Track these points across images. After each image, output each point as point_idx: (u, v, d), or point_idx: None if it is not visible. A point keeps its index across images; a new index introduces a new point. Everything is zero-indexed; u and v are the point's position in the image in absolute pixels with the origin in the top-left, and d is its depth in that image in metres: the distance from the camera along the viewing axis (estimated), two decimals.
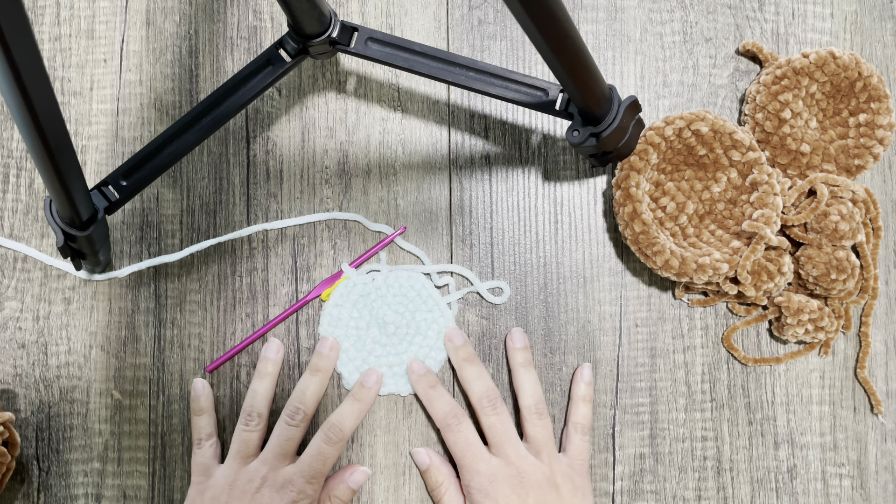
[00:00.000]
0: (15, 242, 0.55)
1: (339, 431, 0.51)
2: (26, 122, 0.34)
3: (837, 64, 0.54)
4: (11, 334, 0.55)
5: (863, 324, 0.56)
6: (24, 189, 0.56)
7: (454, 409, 0.52)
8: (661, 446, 0.55)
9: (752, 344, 0.56)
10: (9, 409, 0.54)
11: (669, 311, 0.56)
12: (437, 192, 0.57)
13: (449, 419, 0.51)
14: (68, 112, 0.57)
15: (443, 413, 0.52)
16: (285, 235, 0.56)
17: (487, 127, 0.57)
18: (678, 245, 0.53)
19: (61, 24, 0.57)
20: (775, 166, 0.55)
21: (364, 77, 0.57)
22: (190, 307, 0.55)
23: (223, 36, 0.57)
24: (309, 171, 0.56)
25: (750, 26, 0.58)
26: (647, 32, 0.58)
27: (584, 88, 0.44)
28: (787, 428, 0.56)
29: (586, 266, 0.56)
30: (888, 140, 0.55)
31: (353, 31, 0.51)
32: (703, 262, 0.51)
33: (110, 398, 0.54)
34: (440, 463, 0.52)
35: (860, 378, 0.56)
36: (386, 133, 0.57)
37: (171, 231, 0.56)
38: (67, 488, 0.54)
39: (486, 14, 0.58)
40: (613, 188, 0.53)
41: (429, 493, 0.53)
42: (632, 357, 0.56)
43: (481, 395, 0.52)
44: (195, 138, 0.49)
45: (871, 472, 0.56)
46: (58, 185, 0.40)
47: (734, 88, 0.58)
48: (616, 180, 0.53)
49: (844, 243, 0.54)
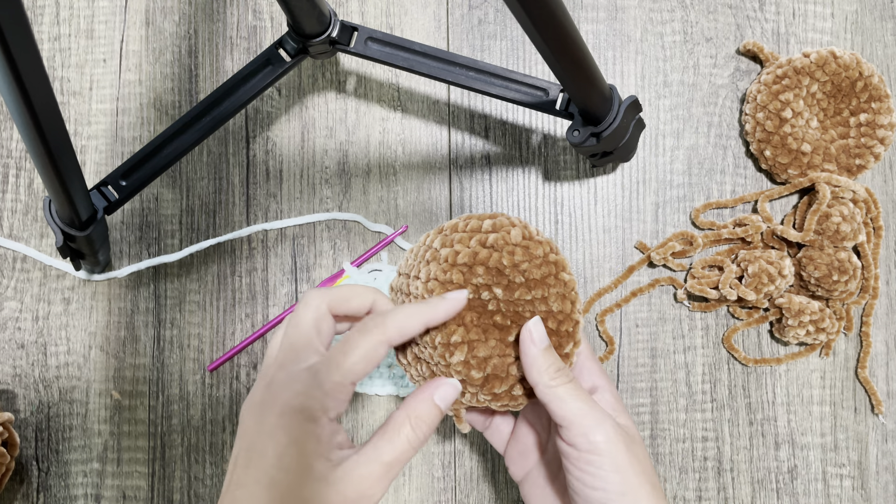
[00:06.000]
0: (14, 242, 0.55)
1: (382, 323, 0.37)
2: (26, 122, 0.34)
3: (838, 63, 0.54)
4: (11, 334, 0.55)
5: (863, 324, 0.56)
6: (23, 189, 0.56)
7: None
8: (661, 447, 0.55)
9: (753, 344, 0.56)
10: (8, 410, 0.54)
11: (670, 312, 0.56)
12: (437, 192, 0.56)
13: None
14: (68, 112, 0.56)
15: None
16: (285, 235, 0.56)
17: (487, 127, 0.57)
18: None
19: (61, 24, 0.57)
20: (776, 166, 0.55)
21: (364, 77, 0.57)
22: (189, 307, 0.55)
23: (223, 36, 0.57)
24: (309, 171, 0.56)
25: (750, 26, 0.58)
26: (648, 32, 0.58)
27: (585, 88, 0.44)
28: (787, 428, 0.56)
29: (586, 266, 0.56)
30: (889, 140, 0.55)
31: (353, 31, 0.50)
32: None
33: (110, 398, 0.54)
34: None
35: (861, 378, 0.56)
36: (386, 133, 0.57)
37: (171, 231, 0.56)
38: (67, 489, 0.53)
39: (486, 14, 0.58)
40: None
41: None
42: (632, 357, 0.56)
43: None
44: (195, 138, 0.49)
45: (872, 473, 0.56)
46: (57, 186, 0.40)
47: (735, 88, 0.58)
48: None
49: (846, 244, 0.54)
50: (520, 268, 0.39)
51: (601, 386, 0.43)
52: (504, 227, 0.40)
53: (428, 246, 0.41)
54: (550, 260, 0.40)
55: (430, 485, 0.54)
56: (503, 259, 0.39)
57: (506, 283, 0.39)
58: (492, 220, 0.41)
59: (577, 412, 0.38)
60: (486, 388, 0.39)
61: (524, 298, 0.39)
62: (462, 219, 0.42)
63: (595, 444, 0.37)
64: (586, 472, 0.38)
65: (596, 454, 0.37)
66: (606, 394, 0.43)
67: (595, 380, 0.43)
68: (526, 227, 0.41)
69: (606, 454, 0.37)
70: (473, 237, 0.40)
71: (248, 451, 0.36)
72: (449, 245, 0.40)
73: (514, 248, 0.39)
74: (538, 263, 0.40)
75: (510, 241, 0.40)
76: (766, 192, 0.56)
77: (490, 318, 0.39)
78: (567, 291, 0.40)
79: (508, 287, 0.39)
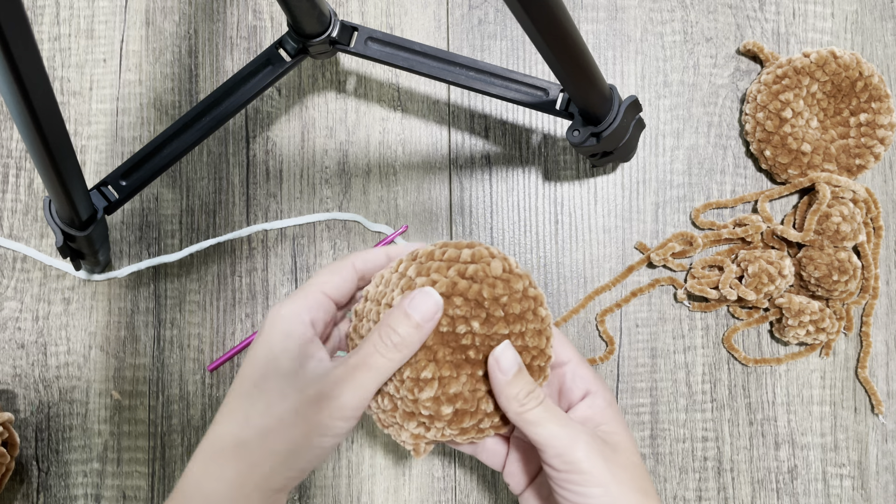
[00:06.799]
0: (14, 242, 0.55)
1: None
2: (26, 122, 0.34)
3: (838, 63, 0.54)
4: (11, 334, 0.55)
5: (864, 324, 0.56)
6: (23, 189, 0.56)
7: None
8: (661, 447, 0.55)
9: (753, 344, 0.56)
10: (8, 410, 0.54)
11: (670, 312, 0.56)
12: (437, 192, 0.56)
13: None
14: (68, 112, 0.56)
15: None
16: (285, 235, 0.56)
17: (487, 127, 0.57)
18: None
19: (61, 24, 0.57)
20: (776, 166, 0.55)
21: (364, 77, 0.57)
22: (189, 307, 0.55)
23: (223, 36, 0.57)
24: (309, 171, 0.56)
25: (750, 26, 0.58)
26: (648, 32, 0.58)
27: (585, 88, 0.44)
28: (787, 428, 0.56)
29: (586, 266, 0.56)
30: (889, 140, 0.55)
31: (353, 31, 0.50)
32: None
33: (110, 398, 0.54)
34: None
35: (861, 378, 0.56)
36: (386, 133, 0.57)
37: (171, 231, 0.56)
38: (67, 489, 0.53)
39: (486, 14, 0.58)
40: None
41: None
42: (632, 357, 0.56)
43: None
44: (195, 138, 0.49)
45: (872, 473, 0.56)
46: (57, 186, 0.40)
47: (735, 88, 0.58)
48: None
49: (846, 244, 0.54)
50: (500, 301, 0.37)
51: (592, 391, 0.42)
52: (484, 259, 0.38)
53: (402, 273, 0.38)
54: (530, 295, 0.39)
55: (430, 485, 0.54)
56: (483, 291, 0.37)
57: (484, 316, 0.37)
58: (470, 249, 0.39)
59: (548, 435, 0.38)
60: (455, 424, 0.38)
61: (500, 333, 0.38)
62: (438, 246, 0.39)
63: (572, 464, 0.37)
64: (568, 489, 0.38)
65: (575, 472, 0.37)
66: (598, 399, 0.42)
67: (587, 386, 0.42)
68: (506, 259, 0.39)
69: (585, 471, 0.37)
70: (451, 266, 0.38)
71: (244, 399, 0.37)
72: (425, 274, 0.37)
73: (495, 280, 0.37)
74: (518, 298, 0.38)
75: (490, 273, 0.38)
76: (766, 192, 0.56)
77: (463, 353, 0.37)
78: (543, 328, 0.39)
79: (487, 321, 0.37)
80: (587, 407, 0.41)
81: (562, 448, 0.37)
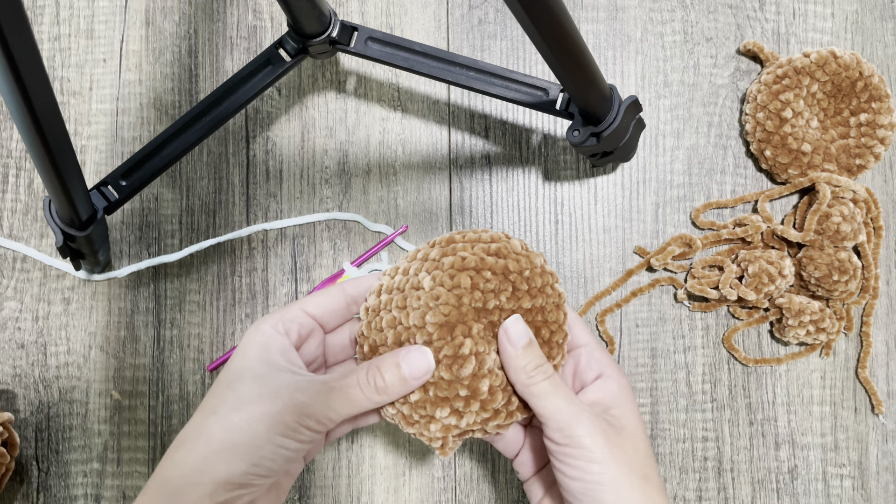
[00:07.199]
0: (14, 242, 0.55)
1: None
2: (26, 122, 0.34)
3: (838, 63, 0.54)
4: (11, 334, 0.55)
5: (864, 324, 0.56)
6: (23, 189, 0.56)
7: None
8: (661, 447, 0.55)
9: (753, 344, 0.56)
10: (8, 410, 0.54)
11: (670, 312, 0.56)
12: (437, 192, 0.56)
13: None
14: (68, 112, 0.56)
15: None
16: (285, 235, 0.56)
17: (487, 127, 0.57)
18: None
19: (60, 24, 0.57)
20: (776, 166, 0.55)
21: (364, 77, 0.57)
22: (189, 307, 0.55)
23: (223, 35, 0.57)
24: (309, 170, 0.56)
25: (751, 26, 0.58)
26: (648, 32, 0.58)
27: (585, 88, 0.44)
28: (787, 428, 0.56)
29: (586, 266, 0.56)
30: (889, 139, 0.55)
31: (353, 31, 0.50)
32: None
33: (110, 398, 0.54)
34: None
35: (861, 378, 0.56)
36: (386, 133, 0.57)
37: (171, 231, 0.56)
38: (67, 489, 0.53)
39: (486, 14, 0.58)
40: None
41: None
42: (632, 357, 0.56)
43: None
44: (195, 138, 0.49)
45: (872, 473, 0.56)
46: (57, 186, 0.40)
47: (735, 88, 0.58)
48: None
49: (846, 244, 0.54)
50: (524, 274, 0.39)
51: (606, 374, 0.42)
52: (502, 239, 0.40)
53: (423, 258, 0.40)
54: (547, 270, 0.41)
55: (430, 485, 0.54)
56: (509, 265, 0.39)
57: (510, 290, 0.39)
58: (487, 232, 0.41)
59: (553, 409, 0.38)
60: (490, 403, 0.38)
61: (524, 307, 0.39)
62: (457, 232, 0.42)
63: (572, 438, 0.38)
64: (567, 463, 0.38)
65: (574, 447, 0.38)
66: (611, 382, 0.42)
67: (601, 368, 0.42)
68: (520, 240, 0.42)
69: (585, 446, 0.37)
70: (476, 245, 0.40)
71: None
72: (451, 254, 0.39)
73: (518, 255, 0.40)
74: (539, 272, 0.40)
75: (512, 249, 0.40)
76: (766, 192, 0.56)
77: (492, 330, 0.39)
78: (560, 302, 0.41)
79: (513, 295, 0.39)
80: (598, 389, 0.42)
81: (564, 422, 0.38)
